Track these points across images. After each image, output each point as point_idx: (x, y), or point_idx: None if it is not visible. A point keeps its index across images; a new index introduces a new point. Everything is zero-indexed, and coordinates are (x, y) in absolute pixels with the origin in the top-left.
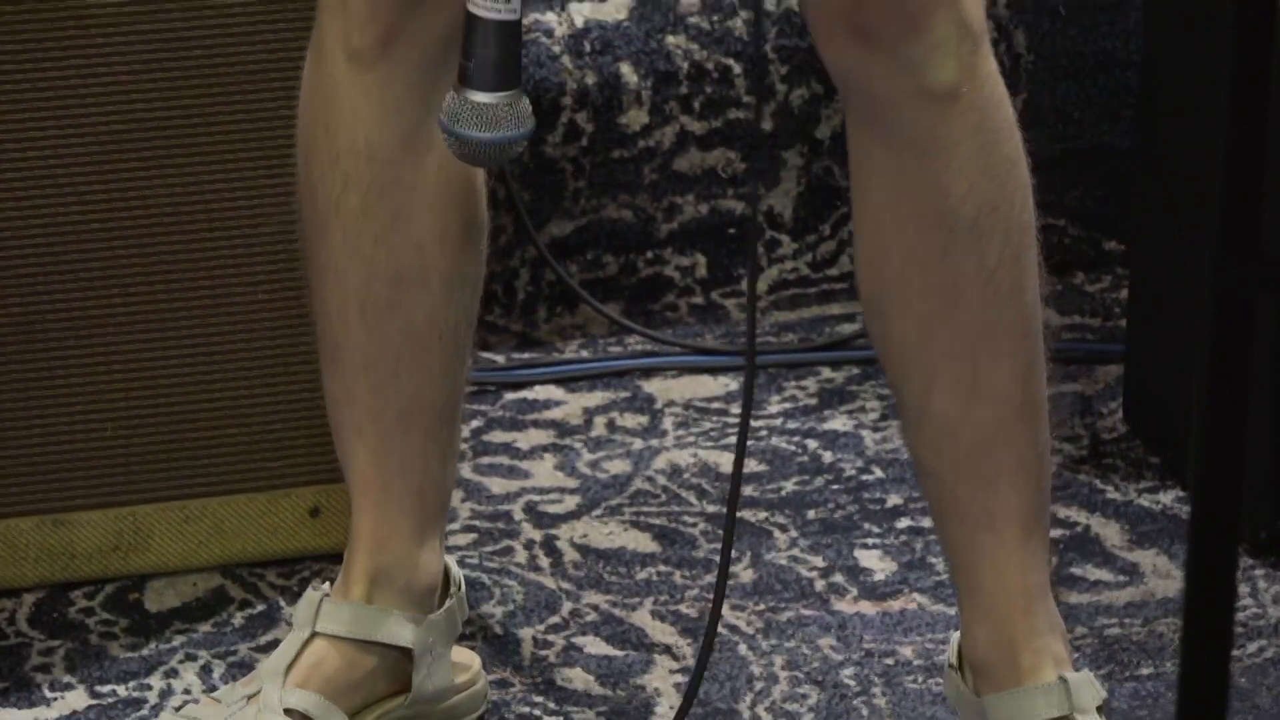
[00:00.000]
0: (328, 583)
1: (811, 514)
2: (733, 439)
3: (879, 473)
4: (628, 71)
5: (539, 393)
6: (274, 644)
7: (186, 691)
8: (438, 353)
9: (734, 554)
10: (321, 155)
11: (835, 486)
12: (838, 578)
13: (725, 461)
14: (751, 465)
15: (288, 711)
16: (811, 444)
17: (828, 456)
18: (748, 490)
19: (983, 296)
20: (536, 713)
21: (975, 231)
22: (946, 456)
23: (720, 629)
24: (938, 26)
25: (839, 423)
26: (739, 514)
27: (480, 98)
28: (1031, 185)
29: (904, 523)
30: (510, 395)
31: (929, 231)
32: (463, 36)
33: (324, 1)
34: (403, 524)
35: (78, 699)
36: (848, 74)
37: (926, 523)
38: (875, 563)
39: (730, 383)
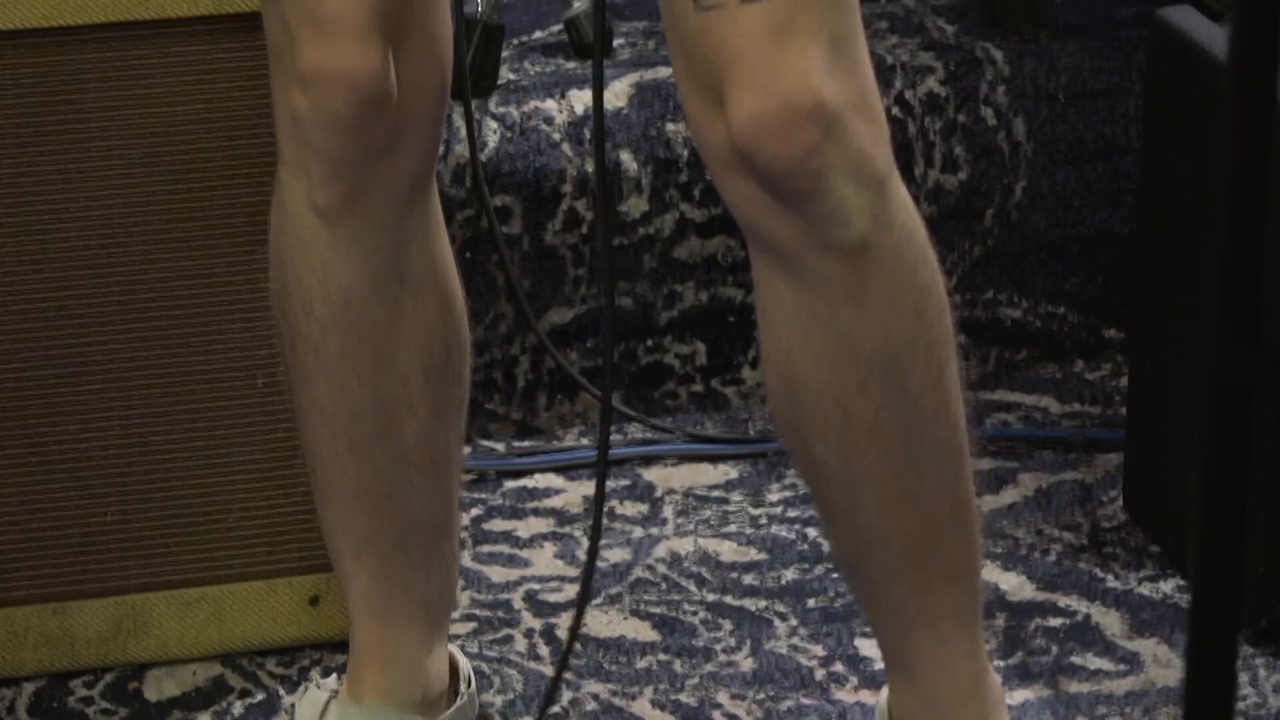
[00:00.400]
0: (334, 675)
1: (812, 602)
2: (734, 527)
3: None
4: (628, 159)
5: (539, 481)
6: None
7: None
8: (430, 475)
9: (734, 643)
10: (295, 304)
11: (835, 575)
12: (838, 667)
13: (726, 550)
14: (751, 553)
15: None
16: (811, 532)
17: (828, 545)
18: (748, 579)
19: (905, 424)
20: None
21: (893, 367)
22: (877, 562)
23: (721, 718)
24: (835, 188)
25: None
26: (739, 602)
27: None
28: (946, 291)
29: None
30: (510, 483)
31: (844, 369)
32: None
33: (284, 157)
34: (410, 638)
35: None
36: (752, 225)
37: None
38: (875, 651)
39: (730, 471)
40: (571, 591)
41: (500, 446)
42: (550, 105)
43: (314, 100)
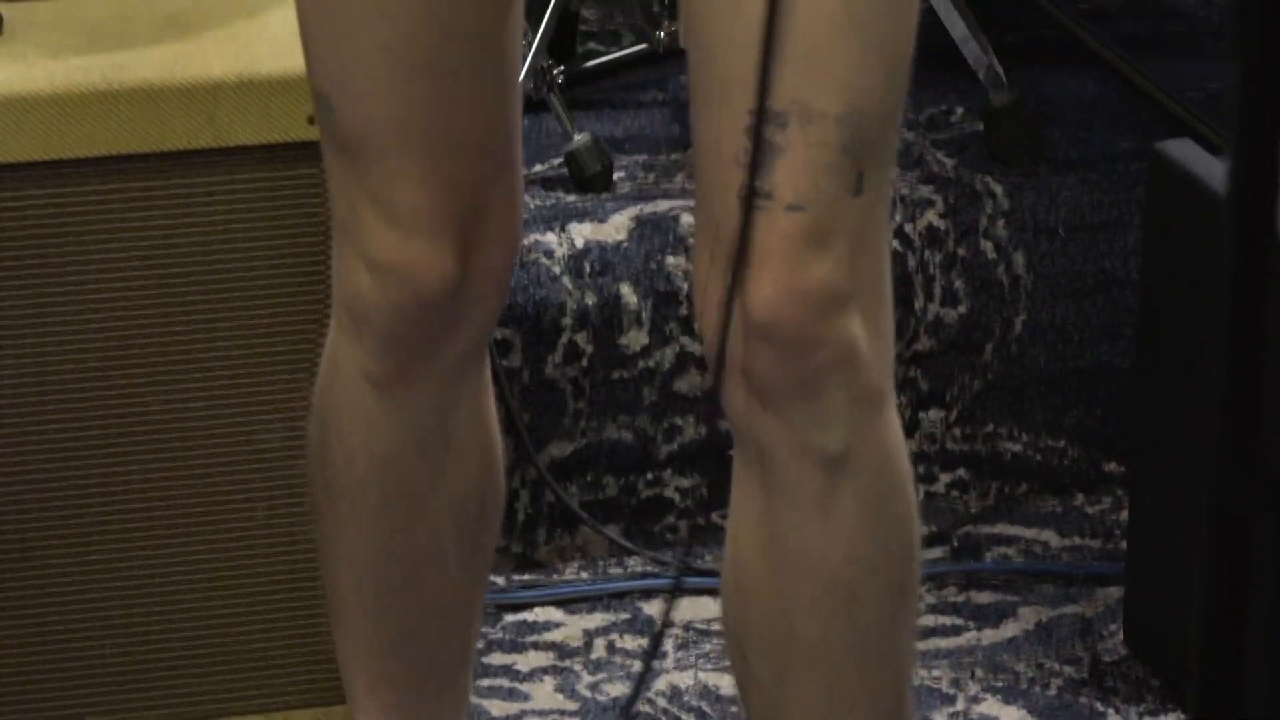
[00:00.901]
0: None
1: None
2: None
3: None
4: (628, 292)
5: (539, 614)
6: None
7: None
8: (454, 620)
9: None
10: (336, 454)
11: None
12: None
13: (726, 684)
14: None
15: None
16: None
17: None
18: None
19: (847, 659)
20: None
21: (849, 593)
22: None
23: None
24: (830, 393)
25: None
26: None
27: None
28: (920, 540)
29: None
30: (510, 617)
31: (798, 585)
32: None
33: (339, 319)
34: None
35: None
36: (740, 421)
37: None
38: None
39: None
40: None
41: (500, 580)
42: (550, 239)
43: (379, 285)
